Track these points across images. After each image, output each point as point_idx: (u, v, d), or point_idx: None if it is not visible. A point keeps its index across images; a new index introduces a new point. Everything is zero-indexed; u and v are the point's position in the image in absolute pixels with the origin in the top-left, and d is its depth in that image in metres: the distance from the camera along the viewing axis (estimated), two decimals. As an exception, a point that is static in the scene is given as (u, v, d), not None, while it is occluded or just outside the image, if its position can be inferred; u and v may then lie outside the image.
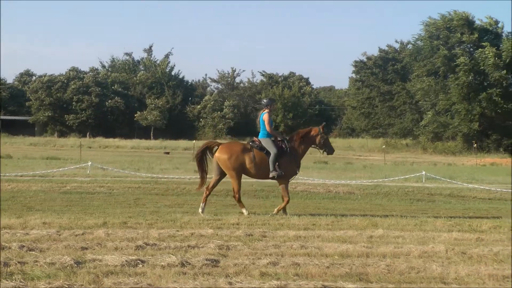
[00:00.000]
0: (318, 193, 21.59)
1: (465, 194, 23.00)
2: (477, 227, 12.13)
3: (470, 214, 16.09)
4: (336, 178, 26.92)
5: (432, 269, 8.19)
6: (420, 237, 10.73)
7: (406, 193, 22.43)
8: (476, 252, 9.43)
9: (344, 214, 14.68)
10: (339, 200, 19.98)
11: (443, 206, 18.78)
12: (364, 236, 10.62)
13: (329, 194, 21.61)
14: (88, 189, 20.11)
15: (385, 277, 7.76)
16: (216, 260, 8.32)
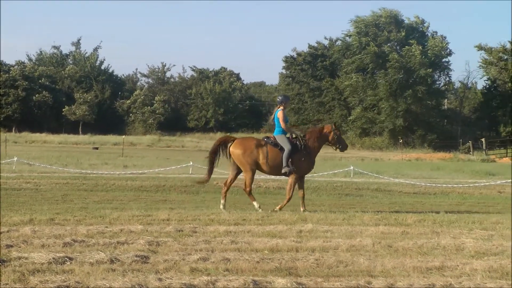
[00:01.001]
0: (250, 188, 21.68)
1: (391, 188, 23.51)
2: (403, 220, 12.40)
3: (396, 208, 16.45)
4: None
5: (360, 263, 8.35)
6: (348, 231, 10.91)
7: (335, 187, 22.77)
8: (402, 245, 9.66)
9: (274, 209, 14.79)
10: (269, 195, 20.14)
11: (370, 200, 19.16)
12: (294, 231, 10.73)
13: (260, 189, 21.74)
14: (13, 185, 19.70)
15: (314, 271, 7.88)
16: (145, 256, 8.28)
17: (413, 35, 68.89)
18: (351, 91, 70.09)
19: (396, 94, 66.26)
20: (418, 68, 64.75)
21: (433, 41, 67.15)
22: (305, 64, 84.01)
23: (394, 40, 68.62)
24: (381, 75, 66.40)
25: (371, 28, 68.34)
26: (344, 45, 72.35)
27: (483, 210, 16.66)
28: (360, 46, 67.95)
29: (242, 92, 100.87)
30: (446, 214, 13.64)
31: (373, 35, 68.04)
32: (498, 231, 11.42)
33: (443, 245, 9.77)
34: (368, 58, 66.93)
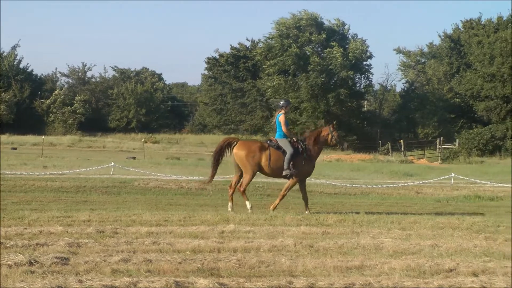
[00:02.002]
0: (171, 189, 21.59)
1: (312, 189, 23.74)
2: (324, 221, 12.56)
3: (317, 209, 16.64)
4: (189, 174, 26.99)
5: (281, 263, 8.42)
6: (270, 231, 10.98)
7: (257, 188, 22.88)
8: (323, 245, 9.79)
9: (196, 210, 14.76)
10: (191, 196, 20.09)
11: (292, 201, 19.28)
12: (216, 232, 10.73)
13: (182, 190, 21.67)
14: None
15: (236, 272, 7.90)
16: (66, 258, 8.13)
17: (334, 37, 69.80)
18: (273, 92, 70.44)
19: (317, 96, 67.04)
20: (339, 71, 65.65)
21: (354, 44, 68.15)
22: (227, 65, 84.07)
23: (315, 43, 69.35)
24: (303, 77, 67.01)
25: (292, 30, 68.86)
26: (266, 47, 72.68)
27: (401, 211, 17.02)
28: (282, 48, 68.36)
29: (164, 92, 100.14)
30: (365, 214, 13.88)
31: (294, 37, 68.56)
32: (416, 230, 11.70)
33: (363, 244, 9.94)
34: (290, 60, 67.37)
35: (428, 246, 9.97)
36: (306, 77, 66.51)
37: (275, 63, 69.33)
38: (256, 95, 79.03)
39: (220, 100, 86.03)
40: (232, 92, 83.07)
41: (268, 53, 71.36)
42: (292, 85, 68.99)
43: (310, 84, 65.92)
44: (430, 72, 73.64)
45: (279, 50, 68.91)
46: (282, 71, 69.83)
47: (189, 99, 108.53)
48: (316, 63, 65.56)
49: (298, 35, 68.65)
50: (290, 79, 69.27)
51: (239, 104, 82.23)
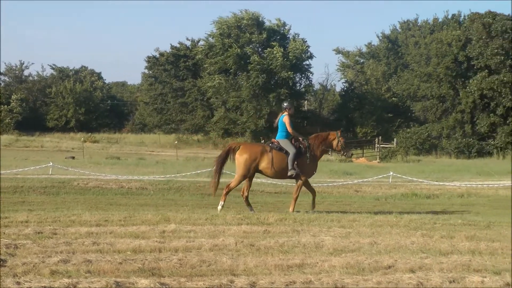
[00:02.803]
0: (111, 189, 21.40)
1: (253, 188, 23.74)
2: (265, 220, 12.60)
3: (258, 208, 16.71)
4: (129, 174, 26.79)
5: (223, 262, 8.44)
6: (211, 231, 10.97)
7: (198, 188, 22.86)
8: (264, 244, 9.84)
9: (137, 209, 14.66)
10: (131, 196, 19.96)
11: (233, 200, 19.33)
12: (157, 231, 10.68)
13: (122, 189, 21.49)
14: None
15: (177, 271, 7.88)
16: (3, 260, 7.99)
17: (275, 37, 70.09)
18: (213, 92, 70.35)
19: (258, 96, 67.25)
20: (279, 70, 65.93)
21: (294, 43, 68.53)
22: (167, 64, 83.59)
23: (256, 42, 69.52)
24: (244, 77, 67.11)
25: (233, 30, 68.89)
26: (206, 46, 72.52)
27: (341, 209, 17.23)
28: (223, 48, 68.33)
29: (103, 91, 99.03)
30: (306, 213, 14.00)
31: (235, 36, 68.62)
32: (355, 228, 11.85)
33: (303, 243, 10.03)
34: (231, 60, 67.38)
35: (367, 244, 10.12)
36: (247, 77, 66.62)
37: (216, 62, 69.23)
38: (197, 95, 78.78)
39: (161, 100, 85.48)
40: (172, 91, 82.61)
41: (209, 52, 71.21)
42: (233, 84, 69.01)
43: (251, 84, 66.07)
44: (369, 72, 74.65)
45: (220, 50, 68.82)
46: (223, 70, 69.77)
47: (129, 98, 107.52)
48: (257, 63, 65.74)
49: (239, 34, 68.71)
50: (231, 79, 69.29)
51: (179, 103, 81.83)
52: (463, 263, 8.86)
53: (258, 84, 65.88)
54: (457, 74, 65.01)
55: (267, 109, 67.12)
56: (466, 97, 63.80)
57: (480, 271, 8.46)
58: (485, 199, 23.59)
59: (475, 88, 62.90)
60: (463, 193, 24.92)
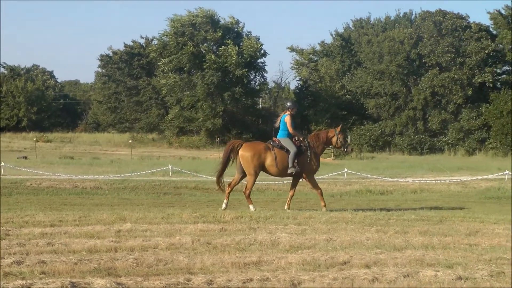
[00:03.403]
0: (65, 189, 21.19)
1: (209, 186, 23.84)
2: (221, 218, 12.60)
3: (214, 206, 16.71)
4: (83, 173, 26.53)
5: (179, 260, 8.42)
6: (167, 229, 10.94)
7: (153, 186, 22.75)
8: (220, 242, 9.85)
9: (91, 209, 14.53)
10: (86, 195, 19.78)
11: (189, 198, 19.35)
12: (112, 231, 10.61)
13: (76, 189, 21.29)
14: None
15: (133, 271, 7.85)
16: (-45, 262, 7.85)
17: (229, 35, 69.98)
18: (168, 90, 69.96)
19: (213, 94, 67.11)
20: (234, 69, 65.87)
21: (248, 41, 68.48)
22: (121, 63, 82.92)
23: (211, 40, 69.31)
24: (199, 76, 66.87)
25: (187, 28, 68.57)
26: (160, 45, 72.06)
27: (297, 206, 17.33)
28: (177, 46, 67.94)
29: (56, 90, 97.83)
30: (262, 210, 14.05)
31: (189, 34, 68.30)
32: (311, 225, 11.93)
33: (260, 240, 10.06)
34: (185, 58, 67.02)
35: (323, 240, 10.21)
36: (202, 75, 66.42)
37: (170, 60, 68.80)
38: (152, 93, 78.34)
39: (115, 98, 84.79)
40: (126, 90, 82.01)
41: (163, 50, 70.76)
42: (188, 83, 68.73)
43: (206, 83, 65.90)
44: (323, 70, 75.02)
45: (174, 48, 68.42)
46: (177, 69, 69.42)
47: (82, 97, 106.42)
48: (212, 61, 65.60)
49: (193, 32, 68.43)
50: (185, 77, 68.98)
51: (134, 102, 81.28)
52: (417, 257, 9.00)
53: (213, 82, 65.75)
54: (409, 71, 65.91)
55: (222, 107, 67.05)
56: (418, 94, 64.75)
57: (433, 265, 8.60)
58: (437, 194, 23.98)
59: (426, 86, 63.90)
60: (416, 189, 25.28)
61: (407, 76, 66.02)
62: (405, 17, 75.14)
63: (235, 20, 71.68)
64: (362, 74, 68.86)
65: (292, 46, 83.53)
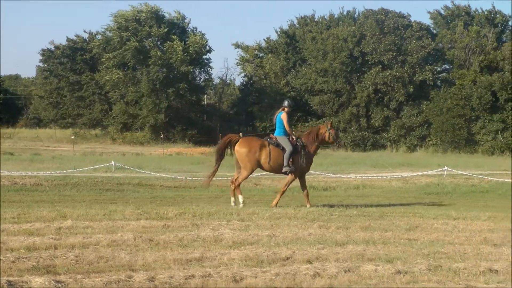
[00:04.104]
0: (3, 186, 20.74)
1: (152, 183, 23.69)
2: (164, 214, 12.56)
3: (157, 202, 16.61)
4: (23, 170, 26.03)
5: (121, 257, 8.35)
6: (109, 226, 10.85)
7: (96, 183, 22.49)
8: (163, 238, 9.81)
9: (31, 206, 14.27)
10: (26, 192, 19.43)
11: (132, 195, 19.17)
12: (53, 228, 10.46)
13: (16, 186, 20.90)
14: None
15: (73, 268, 7.75)
16: None
17: (174, 31, 69.59)
18: (112, 86, 69.25)
19: (158, 90, 66.68)
20: (179, 65, 65.56)
21: (194, 38, 68.25)
22: (63, 57, 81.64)
23: (156, 36, 68.81)
24: (143, 71, 66.35)
25: (131, 23, 67.92)
26: (104, 40, 71.21)
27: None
28: (121, 41, 67.28)
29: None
30: (205, 207, 14.03)
31: (133, 30, 67.70)
32: (254, 221, 11.98)
33: (203, 236, 10.06)
34: (129, 54, 66.44)
35: (266, 236, 10.25)
36: (146, 71, 65.93)
37: (114, 56, 68.12)
38: (95, 89, 77.31)
39: (57, 94, 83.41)
40: (69, 85, 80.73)
41: (107, 45, 69.99)
42: (132, 78, 68.15)
43: (151, 78, 65.45)
44: (268, 66, 75.27)
45: (117, 43, 67.75)
46: (121, 64, 68.76)
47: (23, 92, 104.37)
48: (157, 57, 65.16)
49: (137, 28, 67.85)
50: (129, 73, 68.39)
51: (76, 97, 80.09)
52: (358, 252, 9.12)
53: (158, 78, 65.35)
54: (352, 69, 66.70)
55: (166, 103, 66.68)
56: (361, 91, 65.59)
57: (373, 260, 8.74)
58: (379, 190, 24.30)
59: (369, 83, 64.79)
60: (359, 185, 25.57)
61: (350, 73, 66.79)
62: (348, 15, 75.86)
63: (181, 16, 71.35)
64: (306, 71, 69.33)
65: (237, 43, 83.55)
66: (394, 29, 65.50)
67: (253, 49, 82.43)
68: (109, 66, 69.26)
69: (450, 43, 68.82)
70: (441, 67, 71.01)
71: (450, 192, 23.54)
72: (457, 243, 10.38)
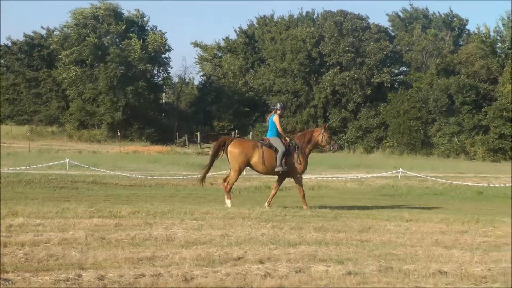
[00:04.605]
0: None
1: (107, 181, 23.54)
2: (117, 213, 12.48)
3: (111, 201, 16.51)
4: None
5: (71, 256, 8.30)
6: (61, 224, 10.75)
7: (50, 180, 22.26)
8: (115, 237, 9.76)
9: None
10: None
11: (86, 193, 19.03)
12: (3, 226, 10.32)
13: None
14: None
15: (22, 266, 7.68)
16: None
17: (133, 28, 69.18)
18: (69, 83, 68.53)
19: (116, 88, 66.16)
20: (138, 63, 65.23)
21: (153, 36, 67.96)
22: (20, 53, 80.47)
23: (114, 33, 68.33)
24: (101, 69, 65.79)
25: (90, 20, 67.36)
26: (62, 36, 70.40)
27: (195, 202, 17.34)
28: (79, 38, 66.66)
29: None
30: (159, 206, 13.99)
31: (92, 27, 67.13)
32: (208, 221, 11.98)
33: (155, 235, 10.04)
34: (88, 50, 65.86)
35: (218, 236, 10.27)
36: (104, 68, 65.40)
37: (71, 52, 67.44)
38: (52, 85, 76.32)
39: (13, 90, 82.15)
40: (25, 81, 79.57)
41: (65, 42, 69.25)
42: (90, 76, 67.54)
43: (109, 76, 64.94)
44: (226, 66, 75.27)
45: (76, 40, 67.12)
46: (79, 61, 68.11)
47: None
48: (116, 55, 64.69)
49: (96, 25, 67.30)
50: (87, 70, 67.77)
51: (33, 94, 78.98)
52: (310, 253, 9.18)
53: (116, 75, 64.89)
54: (310, 70, 67.00)
55: (124, 101, 66.22)
56: (319, 92, 65.92)
57: (325, 260, 8.80)
58: (334, 191, 24.49)
59: (327, 84, 65.16)
60: (314, 185, 25.73)
61: (308, 74, 67.08)
62: (307, 16, 76.21)
63: (140, 14, 70.95)
64: (265, 71, 69.48)
65: (196, 41, 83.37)
66: (352, 31, 65.99)
67: (212, 49, 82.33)
68: (66, 63, 68.54)
69: (408, 45, 69.67)
70: (398, 70, 71.82)
71: (404, 194, 23.82)
72: (409, 244, 10.51)
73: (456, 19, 73.24)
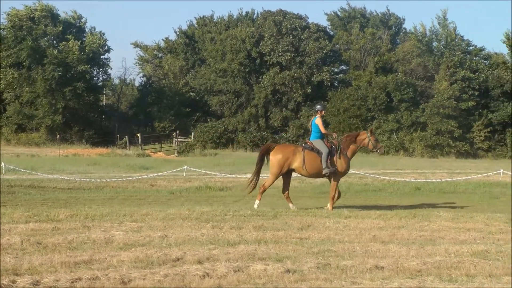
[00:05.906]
0: None
1: (45, 184, 23.19)
2: (55, 216, 12.31)
3: (49, 204, 16.27)
4: None
5: (6, 261, 8.16)
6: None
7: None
8: (52, 241, 9.62)
9: None
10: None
11: (23, 197, 18.69)
12: None
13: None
14: None
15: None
16: None
17: (71, 30, 68.33)
18: (6, 86, 67.25)
19: (54, 90, 65.16)
20: (76, 64, 64.46)
21: (91, 37, 67.28)
22: (-46, 55, 78.54)
23: (51, 35, 67.37)
24: (39, 71, 64.73)
25: (26, 22, 66.26)
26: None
27: (135, 203, 17.21)
28: (16, 40, 65.53)
29: None
30: (98, 208, 13.84)
31: (28, 29, 66.03)
32: (147, 222, 11.92)
33: (93, 239, 9.94)
34: (24, 53, 64.78)
35: (158, 237, 10.22)
36: (42, 71, 64.34)
37: (8, 55, 66.19)
38: (-13, 88, 74.70)
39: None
40: (-40, 84, 77.69)
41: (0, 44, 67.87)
42: (27, 78, 66.32)
43: (46, 78, 63.92)
44: (167, 67, 74.95)
45: (12, 42, 65.91)
46: (16, 63, 66.85)
47: None
48: (53, 56, 63.72)
49: (32, 27, 66.19)
50: (24, 72, 66.54)
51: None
52: (249, 252, 9.21)
53: (54, 77, 63.92)
54: (250, 69, 67.28)
55: (63, 103, 65.27)
56: (260, 92, 66.24)
57: (264, 259, 8.84)
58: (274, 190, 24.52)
59: (268, 84, 65.52)
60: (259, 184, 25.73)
61: (249, 74, 67.36)
62: (247, 16, 76.45)
63: (77, 15, 70.17)
64: (205, 71, 69.46)
65: (136, 42, 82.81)
66: (292, 30, 66.48)
67: (152, 49, 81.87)
68: (3, 66, 67.20)
69: (346, 44, 70.49)
70: (338, 68, 72.67)
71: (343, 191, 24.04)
72: (347, 241, 10.64)
73: (393, 18, 74.40)
